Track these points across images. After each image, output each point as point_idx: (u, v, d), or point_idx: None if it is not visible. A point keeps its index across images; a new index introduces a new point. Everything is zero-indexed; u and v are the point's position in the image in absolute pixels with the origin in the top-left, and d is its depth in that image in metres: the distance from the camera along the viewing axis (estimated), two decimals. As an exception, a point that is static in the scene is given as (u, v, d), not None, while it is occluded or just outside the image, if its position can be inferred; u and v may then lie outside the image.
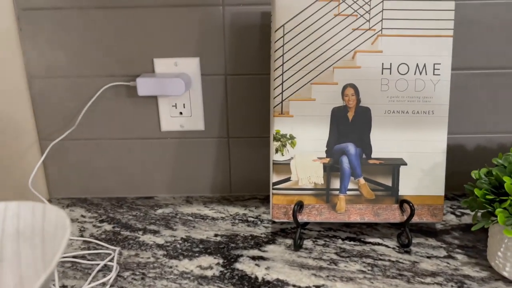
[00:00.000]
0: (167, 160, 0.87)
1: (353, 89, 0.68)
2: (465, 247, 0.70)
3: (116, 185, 0.89)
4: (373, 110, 0.68)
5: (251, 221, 0.79)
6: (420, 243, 0.71)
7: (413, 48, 0.67)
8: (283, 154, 0.69)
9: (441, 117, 0.68)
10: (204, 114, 0.84)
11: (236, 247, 0.71)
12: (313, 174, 0.69)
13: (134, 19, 0.78)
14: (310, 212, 0.70)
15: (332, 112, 0.68)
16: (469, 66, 0.79)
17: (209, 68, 0.81)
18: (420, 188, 0.70)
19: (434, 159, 0.69)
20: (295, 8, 0.66)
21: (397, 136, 0.69)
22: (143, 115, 0.84)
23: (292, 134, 0.69)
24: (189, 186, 0.89)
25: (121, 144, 0.86)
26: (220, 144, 0.86)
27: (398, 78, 0.68)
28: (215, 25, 0.78)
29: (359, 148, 0.69)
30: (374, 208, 0.70)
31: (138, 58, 0.80)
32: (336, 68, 0.68)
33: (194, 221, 0.80)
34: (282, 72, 0.68)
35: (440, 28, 0.67)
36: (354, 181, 0.70)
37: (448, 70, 0.68)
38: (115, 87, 0.82)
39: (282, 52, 0.67)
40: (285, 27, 0.67)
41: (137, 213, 0.83)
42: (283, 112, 0.68)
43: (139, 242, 0.73)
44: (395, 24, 0.67)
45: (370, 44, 0.67)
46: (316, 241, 0.72)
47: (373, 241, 0.72)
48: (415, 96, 0.68)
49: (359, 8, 0.67)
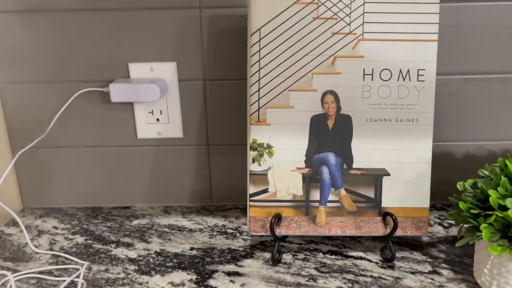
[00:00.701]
0: (144, 169, 0.83)
1: (333, 96, 0.65)
2: (452, 262, 0.66)
3: (92, 194, 0.85)
4: (354, 118, 0.65)
5: (230, 233, 0.76)
6: (404, 257, 0.68)
7: (396, 53, 0.64)
8: (260, 164, 0.66)
9: (425, 125, 0.65)
10: (182, 121, 0.80)
11: (211, 262, 0.68)
12: (292, 185, 0.66)
13: (108, 22, 0.75)
14: (289, 225, 0.67)
15: (311, 120, 0.65)
16: (459, 71, 0.76)
17: (186, 73, 0.78)
18: (404, 200, 0.66)
19: (419, 169, 0.66)
20: (272, 11, 0.63)
21: (380, 145, 0.65)
22: (119, 122, 0.81)
23: (270, 143, 0.65)
24: (168, 195, 0.85)
25: (96, 152, 0.82)
26: (200, 152, 0.82)
27: (380, 84, 0.64)
28: (192, 28, 0.75)
29: (339, 157, 0.66)
30: (355, 221, 0.67)
31: (113, 62, 0.77)
32: (315, 74, 0.64)
33: (170, 233, 0.76)
34: (258, 78, 0.64)
35: (424, 32, 0.63)
36: (334, 192, 0.66)
37: (432, 76, 0.64)
38: (89, 93, 0.78)
39: (259, 57, 0.64)
40: (261, 31, 0.63)
41: (112, 224, 0.79)
42: (260, 120, 0.65)
43: (110, 256, 0.70)
44: (377, 28, 0.63)
45: (350, 48, 0.64)
46: (296, 255, 0.69)
47: (356, 255, 0.69)
48: (398, 104, 0.65)
49: (339, 11, 0.63)
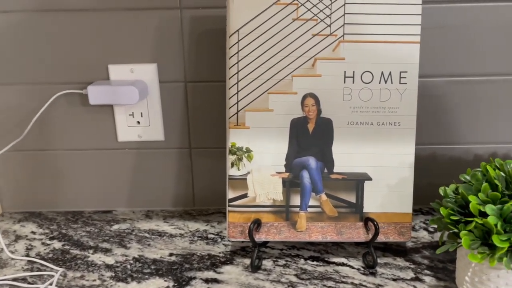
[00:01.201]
0: (125, 172, 0.82)
1: (313, 99, 0.63)
2: (435, 268, 0.65)
3: (72, 198, 0.84)
4: (335, 121, 0.64)
5: (211, 238, 0.74)
6: (387, 263, 0.66)
7: (377, 55, 0.62)
8: (239, 168, 0.64)
9: (408, 128, 0.64)
10: (163, 124, 0.79)
11: (190, 268, 0.66)
12: (272, 190, 0.64)
13: (88, 23, 0.73)
14: (269, 230, 0.65)
15: (291, 124, 0.64)
16: (444, 73, 0.75)
17: (167, 74, 0.76)
18: (386, 205, 0.65)
19: (401, 173, 0.64)
20: (251, 11, 0.62)
21: (361, 149, 0.64)
22: (99, 125, 0.79)
23: (249, 147, 0.64)
24: (150, 199, 0.84)
25: (76, 155, 0.81)
26: (182, 155, 0.81)
27: (361, 87, 0.63)
28: (173, 29, 0.74)
29: (320, 162, 0.65)
30: (337, 226, 0.65)
31: (92, 64, 0.76)
32: (295, 76, 0.63)
33: (150, 238, 0.75)
34: (237, 81, 0.63)
35: (406, 34, 0.62)
36: (315, 197, 0.65)
37: (415, 79, 0.63)
38: (69, 95, 0.77)
39: (237, 59, 0.63)
40: (240, 32, 0.62)
41: (91, 229, 0.78)
42: (238, 123, 0.64)
43: (87, 262, 0.68)
44: (358, 29, 0.62)
45: (331, 50, 0.62)
46: (277, 261, 0.67)
47: (338, 261, 0.67)
48: (380, 107, 0.63)
49: (319, 12, 0.62)
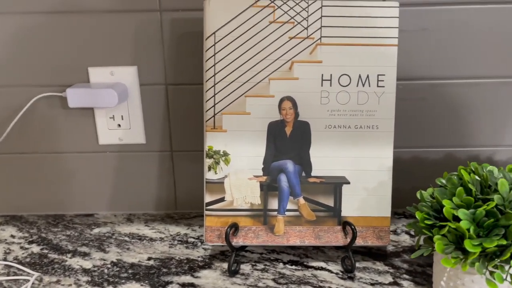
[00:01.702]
0: (107, 175, 0.81)
1: (290, 102, 0.63)
2: (414, 273, 0.64)
3: (54, 201, 0.83)
4: (312, 124, 0.63)
5: (191, 242, 0.74)
6: (366, 267, 0.66)
7: (355, 58, 0.62)
8: (216, 172, 0.64)
9: (386, 132, 0.63)
10: (144, 126, 0.78)
11: (167, 273, 0.66)
12: (249, 194, 0.64)
13: (67, 25, 0.73)
14: (246, 234, 0.65)
15: (268, 127, 0.63)
16: (427, 76, 0.74)
17: (148, 77, 0.76)
18: (364, 209, 0.64)
19: (379, 177, 0.64)
20: (227, 14, 0.61)
21: (339, 152, 0.64)
22: (79, 128, 0.78)
23: (226, 150, 0.64)
24: (132, 203, 0.83)
25: (56, 158, 0.80)
26: (163, 158, 0.80)
27: (339, 90, 0.63)
28: (152, 31, 0.73)
29: (298, 165, 0.64)
30: (315, 230, 0.65)
31: (72, 66, 0.75)
32: (272, 79, 0.62)
33: (130, 242, 0.74)
34: (214, 84, 0.63)
35: (384, 37, 0.62)
36: (293, 201, 0.65)
37: (393, 82, 0.63)
38: (49, 98, 0.76)
39: (214, 62, 0.62)
40: (216, 34, 0.62)
41: (71, 233, 0.77)
42: (215, 126, 0.63)
43: (64, 267, 0.68)
44: (335, 32, 0.62)
45: (308, 53, 0.62)
46: (255, 265, 0.67)
47: (316, 265, 0.67)
48: (358, 110, 0.63)
49: (296, 14, 0.62)
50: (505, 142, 0.78)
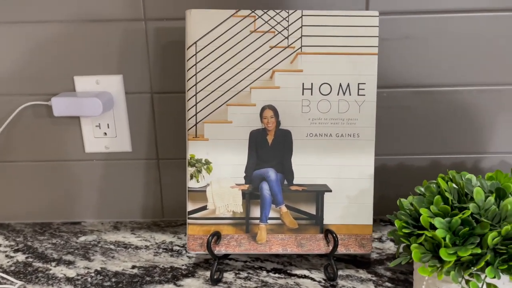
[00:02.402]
0: (94, 184, 0.82)
1: (272, 111, 0.63)
2: (396, 281, 0.64)
3: (41, 210, 0.83)
4: (294, 133, 0.64)
5: (176, 250, 0.74)
6: (349, 275, 0.66)
7: (335, 67, 0.62)
8: (199, 180, 0.64)
9: (367, 140, 0.64)
10: (130, 135, 0.79)
11: (150, 281, 0.66)
12: (231, 202, 0.64)
13: (53, 34, 0.73)
14: (229, 243, 0.65)
15: (250, 136, 0.64)
16: (411, 84, 0.75)
17: (133, 85, 0.76)
18: (346, 217, 0.65)
19: (361, 185, 0.64)
20: (208, 24, 0.62)
21: (321, 160, 0.64)
22: (66, 136, 0.79)
23: (208, 159, 0.64)
24: (119, 210, 0.83)
25: (44, 166, 0.80)
26: (150, 166, 0.81)
27: (320, 99, 0.63)
28: (138, 40, 0.74)
29: (280, 173, 0.64)
30: (297, 238, 0.65)
31: (59, 75, 0.76)
32: (253, 88, 0.63)
33: (115, 250, 0.74)
34: (195, 93, 0.63)
35: (364, 46, 0.62)
36: (275, 209, 0.65)
37: (373, 90, 0.63)
38: (35, 107, 0.77)
39: (195, 71, 0.63)
40: (198, 44, 0.62)
41: (57, 241, 0.77)
42: (197, 135, 0.64)
43: (48, 275, 0.68)
44: (316, 41, 0.62)
45: (289, 62, 0.62)
46: (239, 273, 0.67)
47: (300, 273, 0.67)
48: (339, 118, 0.63)
49: (276, 24, 0.62)
50: (490, 149, 0.78)
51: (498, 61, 0.73)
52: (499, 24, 0.71)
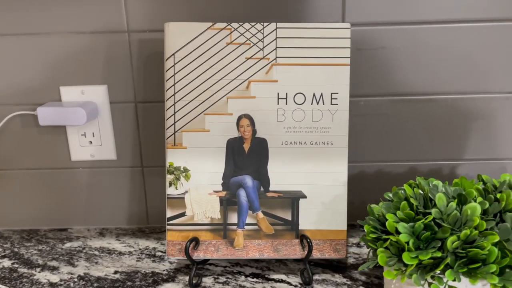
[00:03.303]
0: (80, 191, 0.84)
1: (248, 120, 0.65)
2: (370, 285, 0.66)
3: (29, 217, 0.85)
4: (269, 141, 0.66)
5: (159, 256, 0.76)
6: (325, 279, 0.68)
7: (309, 77, 0.64)
8: (177, 187, 0.66)
9: (340, 148, 0.66)
10: (115, 143, 0.81)
11: (131, 286, 0.68)
12: (209, 209, 0.66)
13: (39, 46, 0.76)
14: (207, 248, 0.67)
15: (227, 144, 0.66)
16: (388, 92, 0.77)
17: (117, 95, 0.78)
18: (321, 222, 0.66)
19: (335, 191, 0.66)
20: (186, 36, 0.64)
21: (296, 167, 0.66)
22: (52, 145, 0.81)
23: (186, 166, 0.66)
24: (105, 217, 0.85)
25: (31, 174, 0.82)
26: (134, 174, 0.83)
27: (294, 108, 0.65)
28: (121, 51, 0.76)
29: (256, 180, 0.66)
30: (273, 244, 0.67)
31: (45, 86, 0.78)
32: (230, 98, 0.65)
33: (99, 256, 0.76)
34: (174, 102, 0.65)
35: (336, 57, 0.64)
36: (252, 215, 0.67)
37: (346, 100, 0.65)
38: (22, 116, 0.79)
39: (173, 82, 0.65)
40: (176, 55, 0.64)
41: (43, 248, 0.79)
42: (176, 143, 0.66)
43: (32, 281, 0.70)
44: (290, 52, 0.64)
45: (264, 73, 0.65)
46: (218, 278, 0.69)
47: (277, 277, 0.68)
48: (313, 127, 0.65)
49: (252, 36, 0.64)
50: (465, 156, 0.80)
51: (472, 70, 0.75)
52: (472, 34, 0.73)
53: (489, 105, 0.77)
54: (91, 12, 0.74)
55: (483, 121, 0.77)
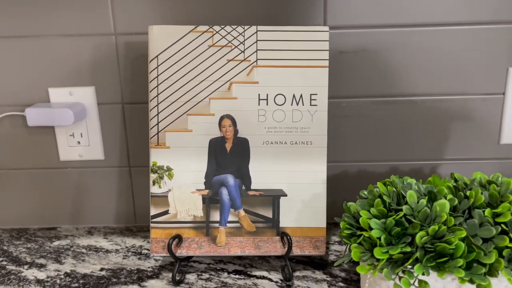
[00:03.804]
0: (68, 190, 0.85)
1: (230, 120, 0.67)
2: (349, 281, 0.68)
3: (18, 216, 0.87)
4: (251, 141, 0.67)
5: (144, 253, 0.77)
6: (306, 276, 0.69)
7: (289, 79, 0.66)
8: (161, 186, 0.68)
9: (319, 147, 0.67)
10: (103, 143, 0.82)
11: (116, 282, 0.69)
12: (192, 207, 0.68)
13: (28, 48, 0.77)
14: (190, 245, 0.68)
15: (209, 143, 0.67)
16: (368, 94, 0.79)
17: (105, 96, 0.80)
18: (301, 220, 0.68)
19: (314, 190, 0.68)
20: (169, 39, 0.66)
21: (277, 167, 0.68)
22: (41, 145, 0.83)
23: (169, 165, 0.68)
24: (93, 216, 0.87)
25: (19, 174, 0.84)
26: (122, 174, 0.84)
27: (275, 109, 0.67)
28: (109, 54, 0.78)
29: (238, 179, 0.68)
30: (255, 241, 0.68)
31: (34, 87, 0.80)
32: (212, 99, 0.67)
33: (86, 254, 0.78)
34: (157, 103, 0.67)
35: (315, 59, 0.66)
36: (234, 213, 0.68)
37: (325, 101, 0.67)
38: (12, 117, 0.81)
39: (157, 83, 0.67)
40: (159, 58, 0.66)
41: (32, 246, 0.81)
42: (159, 143, 0.67)
43: (19, 278, 0.71)
44: (270, 54, 0.66)
45: (245, 75, 0.66)
46: (201, 275, 0.70)
47: (259, 274, 0.70)
48: (293, 127, 0.67)
49: (233, 39, 0.66)
50: (445, 156, 0.82)
51: (450, 72, 0.77)
52: (450, 38, 0.75)
53: (467, 106, 0.78)
54: (79, 15, 0.75)
55: (462, 122, 0.79)
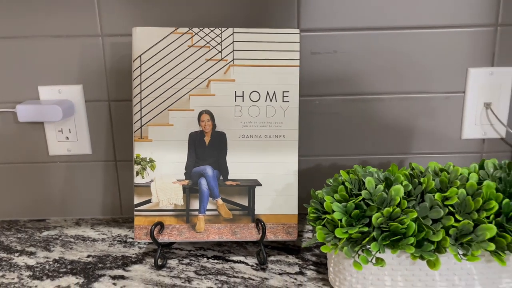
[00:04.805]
0: (57, 184, 0.90)
1: (208, 115, 0.72)
2: (319, 264, 0.73)
3: (9, 208, 0.91)
4: (228, 134, 0.73)
5: (129, 242, 0.82)
6: (279, 260, 0.75)
7: (263, 77, 0.72)
8: (144, 177, 0.73)
9: (291, 140, 0.73)
10: (90, 139, 0.87)
11: (102, 267, 0.74)
12: (173, 196, 0.73)
13: (19, 48, 0.82)
14: (171, 232, 0.73)
15: (189, 137, 0.73)
16: (339, 92, 0.84)
17: (92, 94, 0.85)
18: (274, 208, 0.73)
19: (287, 180, 0.73)
20: (151, 39, 0.71)
21: (252, 158, 0.73)
22: (31, 140, 0.87)
23: (152, 157, 0.73)
24: (81, 208, 0.91)
25: (10, 168, 0.88)
26: (108, 167, 0.89)
27: (250, 105, 0.72)
28: (96, 54, 0.83)
29: (216, 170, 0.73)
30: (232, 227, 0.74)
31: (24, 85, 0.84)
32: (192, 95, 0.72)
33: (74, 242, 0.82)
34: (140, 99, 0.72)
35: (287, 59, 0.72)
36: (212, 201, 0.73)
37: (296, 97, 0.73)
38: (2, 114, 0.85)
39: (140, 81, 0.71)
40: (142, 57, 0.71)
41: (22, 236, 0.85)
42: (142, 137, 0.72)
43: (11, 264, 0.76)
44: (246, 54, 0.72)
45: (223, 73, 0.72)
46: (182, 260, 0.75)
47: (236, 259, 0.75)
48: (267, 122, 0.72)
49: (211, 40, 0.71)
50: (411, 150, 0.88)
51: (415, 72, 0.83)
52: (414, 40, 0.81)
53: (431, 104, 0.85)
54: (67, 18, 0.80)
55: (426, 118, 0.85)
